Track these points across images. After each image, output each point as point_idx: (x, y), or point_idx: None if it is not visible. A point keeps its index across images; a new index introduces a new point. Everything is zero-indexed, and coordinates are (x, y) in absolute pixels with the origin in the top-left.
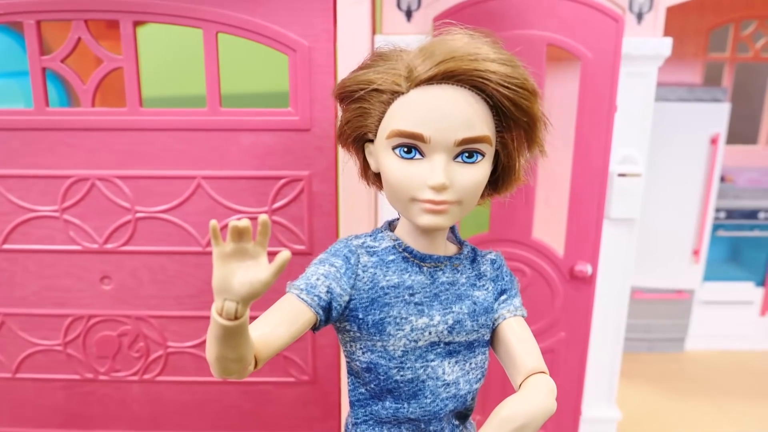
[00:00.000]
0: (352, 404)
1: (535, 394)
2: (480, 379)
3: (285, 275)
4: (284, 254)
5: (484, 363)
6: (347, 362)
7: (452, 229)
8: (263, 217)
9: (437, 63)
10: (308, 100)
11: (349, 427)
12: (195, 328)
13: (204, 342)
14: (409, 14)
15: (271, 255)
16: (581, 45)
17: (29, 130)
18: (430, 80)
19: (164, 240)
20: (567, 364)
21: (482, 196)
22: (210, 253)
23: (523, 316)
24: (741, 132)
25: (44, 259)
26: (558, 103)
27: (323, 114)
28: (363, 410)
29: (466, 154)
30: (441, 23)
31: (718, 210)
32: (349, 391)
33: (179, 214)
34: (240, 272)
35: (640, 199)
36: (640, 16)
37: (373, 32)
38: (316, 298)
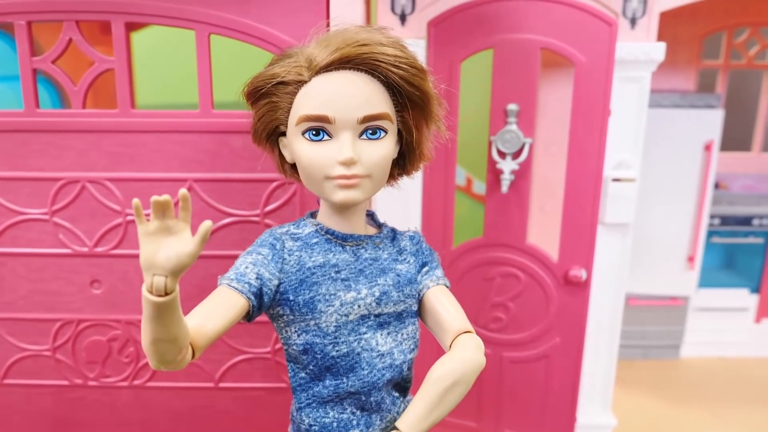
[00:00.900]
0: (294, 390)
1: (463, 351)
2: (413, 349)
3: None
4: (206, 224)
5: (415, 333)
6: (285, 349)
7: (372, 215)
8: (183, 191)
9: (333, 50)
10: None
11: (294, 413)
12: None
13: None
14: (403, 18)
15: None
16: (575, 49)
17: (19, 132)
18: (329, 67)
19: None
20: (562, 370)
21: (393, 176)
22: (201, 257)
23: (446, 285)
24: (735, 139)
25: (33, 263)
26: (552, 109)
27: None
28: (305, 394)
29: (370, 131)
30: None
31: (712, 216)
32: (290, 377)
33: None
34: (165, 247)
35: (634, 204)
36: (633, 21)
37: None
38: (246, 285)
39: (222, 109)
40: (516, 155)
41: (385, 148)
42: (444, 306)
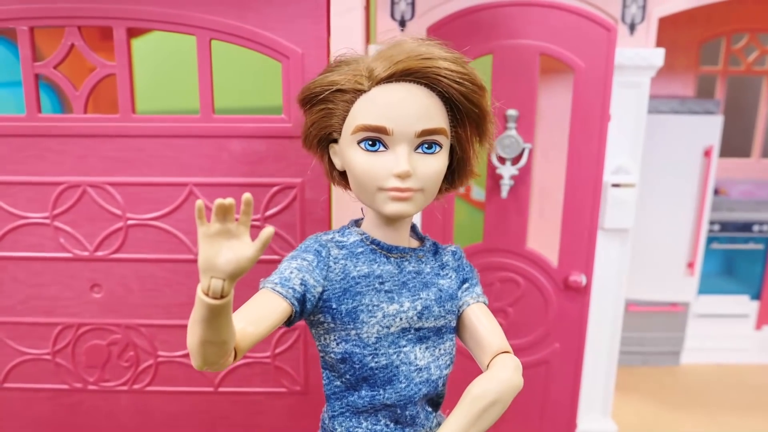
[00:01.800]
0: (328, 398)
1: (503, 371)
2: (449, 365)
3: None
4: (268, 230)
5: (452, 349)
6: (321, 356)
7: (413, 227)
8: (247, 196)
9: (395, 62)
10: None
11: (326, 421)
12: (185, 337)
13: None
14: (402, 24)
15: (266, 263)
16: (574, 55)
17: (20, 137)
18: (389, 78)
19: (155, 247)
20: (561, 376)
21: (440, 191)
22: None
23: (485, 303)
24: (734, 145)
25: (33, 267)
26: (551, 115)
27: None
28: (339, 402)
29: (426, 145)
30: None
31: (712, 222)
32: (324, 385)
33: (170, 221)
34: (225, 250)
35: (633, 210)
36: (632, 27)
37: (367, 42)
38: (290, 290)
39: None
40: (515, 161)
41: (440, 162)
42: (483, 324)
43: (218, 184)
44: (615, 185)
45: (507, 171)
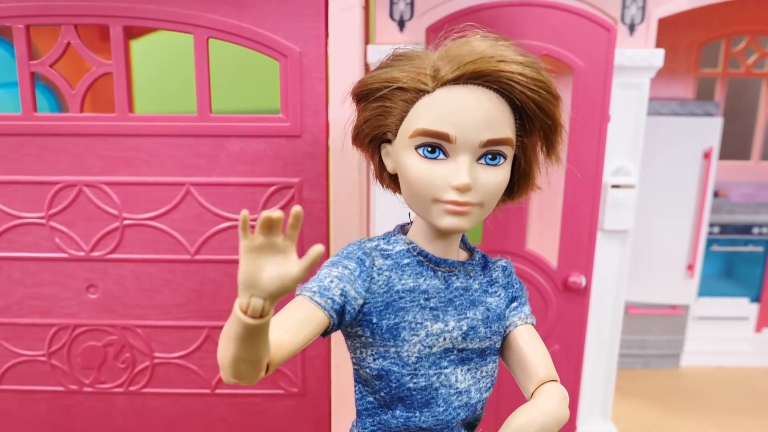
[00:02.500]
0: (359, 413)
1: (548, 402)
2: (490, 388)
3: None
4: (317, 248)
5: (494, 371)
6: (355, 369)
7: (463, 237)
8: (297, 209)
9: (464, 63)
10: (299, 106)
11: None
12: (182, 338)
13: (191, 352)
14: (401, 24)
15: None
16: (573, 55)
17: (16, 136)
18: (457, 80)
19: (152, 248)
20: (561, 378)
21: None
22: (198, 262)
23: (532, 324)
24: (734, 147)
25: (29, 267)
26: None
27: (314, 120)
28: (371, 420)
29: (489, 156)
30: (465, 26)
31: (712, 225)
32: (356, 399)
33: (167, 221)
34: (269, 267)
35: (633, 211)
36: (632, 28)
37: (366, 42)
38: (329, 301)
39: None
40: None
41: (502, 175)
42: (531, 348)
43: (216, 184)
44: (615, 186)
45: None
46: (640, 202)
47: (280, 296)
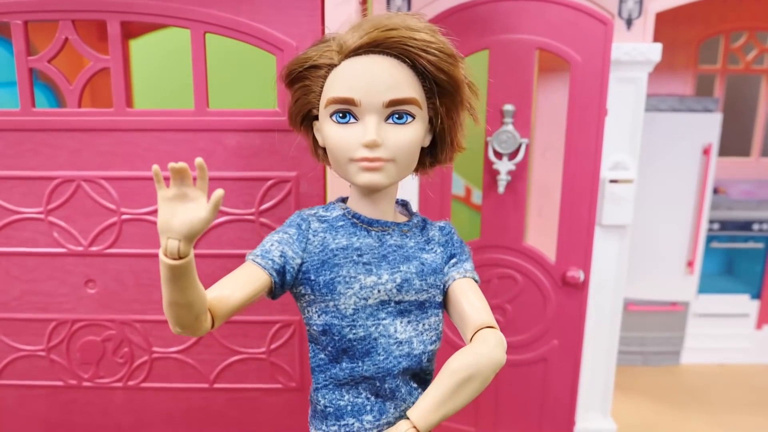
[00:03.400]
0: (312, 370)
1: (483, 346)
2: (435, 341)
3: None
4: (218, 192)
5: (438, 325)
6: (307, 330)
7: (406, 204)
8: (199, 161)
9: (363, 34)
10: None
11: (312, 394)
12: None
13: (189, 347)
14: None
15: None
16: (570, 49)
17: (14, 131)
18: (358, 50)
19: (150, 242)
20: (560, 373)
21: (424, 165)
22: (196, 256)
23: (474, 279)
24: (733, 144)
25: (27, 263)
26: (550, 114)
27: None
28: (323, 375)
29: (396, 116)
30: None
31: (711, 221)
32: (310, 358)
33: None
34: (180, 212)
35: (632, 206)
36: (629, 22)
37: None
38: (270, 262)
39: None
40: (512, 156)
41: (411, 133)
42: (468, 299)
43: (213, 178)
44: (613, 181)
45: (504, 166)
46: (639, 199)
47: (193, 237)
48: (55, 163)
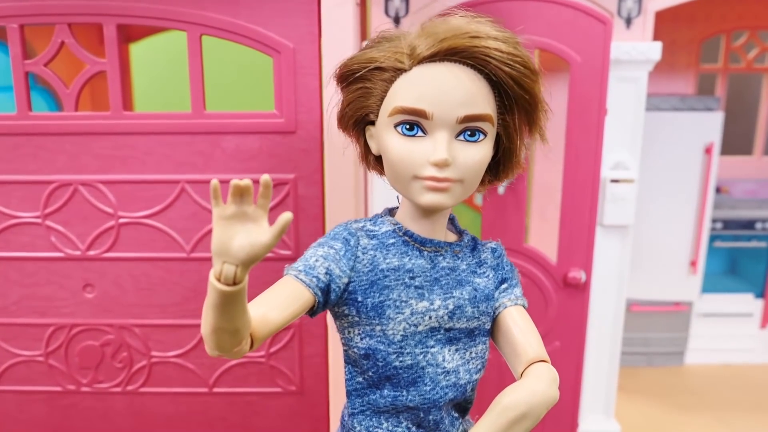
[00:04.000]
0: (349, 394)
1: (537, 382)
2: (480, 369)
3: (272, 279)
4: (286, 215)
5: (484, 353)
6: (344, 350)
7: (452, 219)
8: (265, 177)
9: (440, 40)
10: (293, 102)
11: (346, 418)
12: (179, 337)
13: (188, 351)
14: (397, 20)
15: (264, 260)
16: (570, 48)
17: (11, 135)
18: (433, 57)
19: (148, 246)
20: (562, 375)
21: (483, 182)
22: (195, 260)
23: (524, 306)
24: (736, 143)
25: (25, 267)
26: (552, 115)
27: (308, 116)
28: (360, 400)
29: (468, 133)
30: (450, 9)
31: (714, 221)
32: (346, 380)
33: (163, 219)
34: (240, 235)
35: (633, 206)
36: (628, 21)
37: (363, 39)
38: (314, 279)
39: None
40: None
41: (483, 152)
42: (520, 329)
43: (210, 181)
44: (614, 181)
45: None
46: (641, 199)
47: (252, 263)
48: (53, 167)
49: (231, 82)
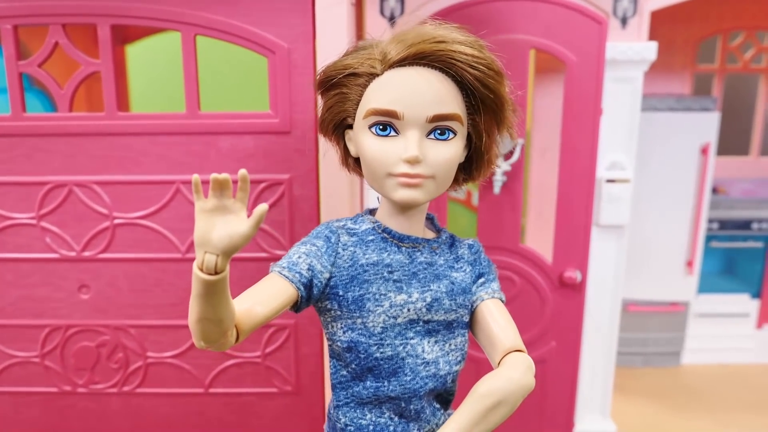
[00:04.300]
0: (333, 387)
1: (513, 370)
2: (460, 361)
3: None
4: (262, 206)
5: (463, 345)
6: (329, 345)
7: (431, 219)
8: (242, 172)
9: (408, 46)
10: (288, 103)
11: (331, 410)
12: (175, 338)
13: (184, 352)
14: (392, 20)
15: (255, 261)
16: (565, 48)
17: (5, 136)
18: (402, 61)
19: (143, 247)
20: (559, 375)
21: (458, 181)
22: (190, 260)
23: (501, 300)
24: (733, 143)
25: (21, 268)
26: (548, 115)
27: (303, 116)
28: (344, 392)
29: (438, 131)
30: (424, 19)
31: (711, 221)
32: (330, 374)
33: (158, 220)
34: (220, 225)
35: (629, 206)
36: (624, 21)
37: (358, 39)
38: (297, 275)
39: None
40: (507, 156)
41: (452, 150)
42: (496, 321)
43: (206, 182)
44: (610, 181)
45: (499, 167)
46: (638, 199)
47: (231, 252)
48: (47, 168)
49: (226, 83)
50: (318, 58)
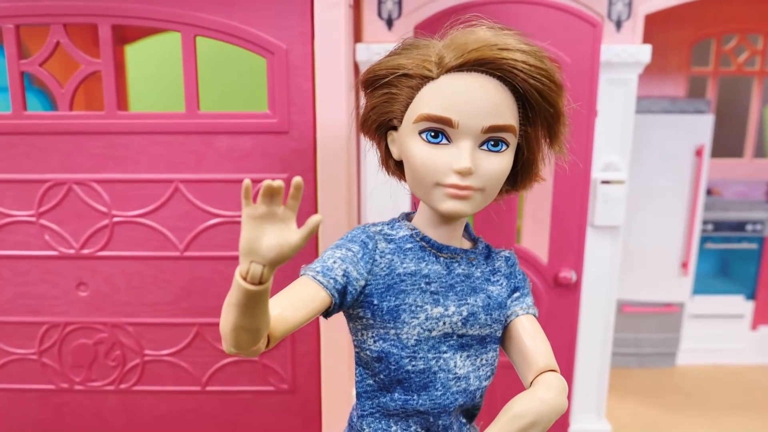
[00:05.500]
0: (358, 395)
1: (546, 391)
2: (489, 376)
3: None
4: (315, 218)
5: (494, 360)
6: (356, 352)
7: (466, 226)
8: (297, 179)
9: (468, 51)
10: (286, 103)
11: (354, 419)
12: (172, 336)
13: (181, 350)
14: (390, 23)
15: None
16: (560, 51)
17: (5, 134)
18: (460, 67)
19: (141, 245)
20: None
21: (500, 191)
22: (188, 258)
23: (534, 315)
24: (727, 145)
25: (19, 266)
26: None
27: (301, 117)
28: (370, 402)
29: (492, 143)
30: (471, 16)
31: (705, 222)
32: (356, 382)
33: (157, 218)
34: (269, 235)
35: (624, 207)
36: (618, 24)
37: (356, 41)
38: (332, 281)
39: None
40: None
41: (504, 162)
42: (531, 338)
43: (204, 181)
44: (604, 182)
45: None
46: (633, 200)
47: (279, 263)
48: (47, 166)
49: (225, 83)
50: (316, 59)
